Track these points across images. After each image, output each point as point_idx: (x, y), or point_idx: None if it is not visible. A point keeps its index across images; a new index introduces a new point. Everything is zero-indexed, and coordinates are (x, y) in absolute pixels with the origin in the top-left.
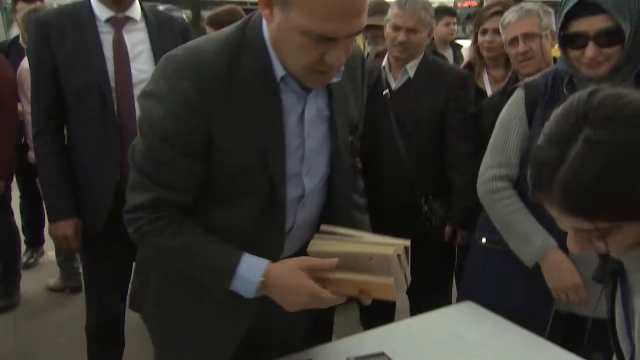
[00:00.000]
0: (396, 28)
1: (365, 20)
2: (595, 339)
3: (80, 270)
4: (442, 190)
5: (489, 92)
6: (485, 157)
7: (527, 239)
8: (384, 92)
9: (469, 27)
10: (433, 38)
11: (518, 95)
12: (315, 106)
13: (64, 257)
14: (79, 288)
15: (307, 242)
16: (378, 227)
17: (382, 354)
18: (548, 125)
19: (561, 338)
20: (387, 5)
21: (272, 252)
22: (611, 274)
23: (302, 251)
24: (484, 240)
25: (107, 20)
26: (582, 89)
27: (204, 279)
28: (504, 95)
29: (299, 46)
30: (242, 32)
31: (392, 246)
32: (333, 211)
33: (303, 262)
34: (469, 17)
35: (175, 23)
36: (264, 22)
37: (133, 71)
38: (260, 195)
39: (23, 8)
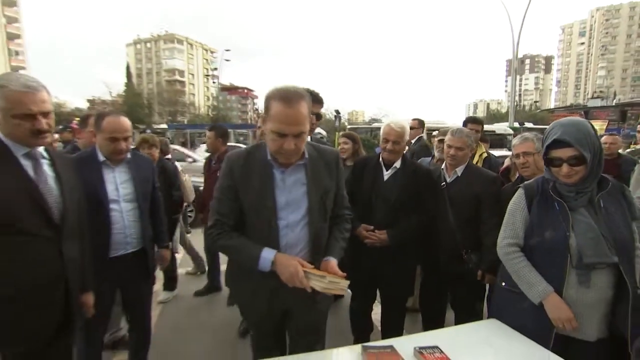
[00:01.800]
0: (449, 146)
1: (303, 128)
2: (581, 351)
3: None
4: (476, 247)
5: None
6: (501, 231)
7: (532, 285)
8: (442, 184)
9: None
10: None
11: (519, 193)
12: (294, 177)
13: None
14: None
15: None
16: (435, 268)
17: (436, 347)
18: None
19: (560, 350)
20: None
21: None
22: None
23: None
24: (503, 284)
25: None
26: (562, 190)
27: (245, 260)
28: (514, 186)
29: (271, 139)
30: (261, 142)
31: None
32: (313, 238)
33: (298, 259)
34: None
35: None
36: None
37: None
38: (263, 223)
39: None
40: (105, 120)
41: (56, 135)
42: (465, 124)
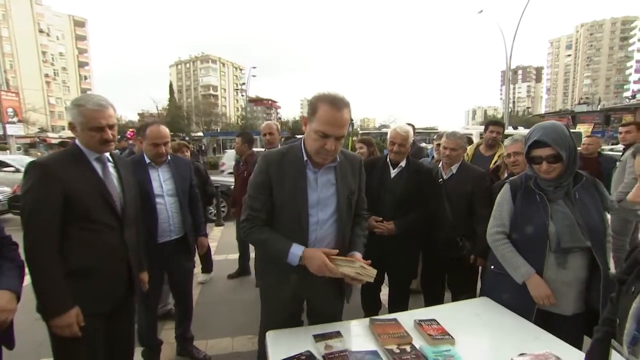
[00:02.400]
0: (445, 148)
1: (345, 132)
2: (560, 324)
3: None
4: (469, 235)
5: None
6: (490, 220)
7: (516, 267)
8: (439, 180)
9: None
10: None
11: (505, 187)
12: (325, 177)
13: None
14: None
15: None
16: (434, 254)
17: (434, 320)
18: None
19: (541, 324)
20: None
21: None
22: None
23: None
24: (492, 267)
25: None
26: (542, 185)
27: (274, 254)
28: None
29: (314, 139)
30: (294, 143)
31: (352, 268)
32: (340, 235)
33: (323, 249)
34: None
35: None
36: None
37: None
38: (295, 219)
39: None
40: (149, 129)
41: None
42: (487, 126)
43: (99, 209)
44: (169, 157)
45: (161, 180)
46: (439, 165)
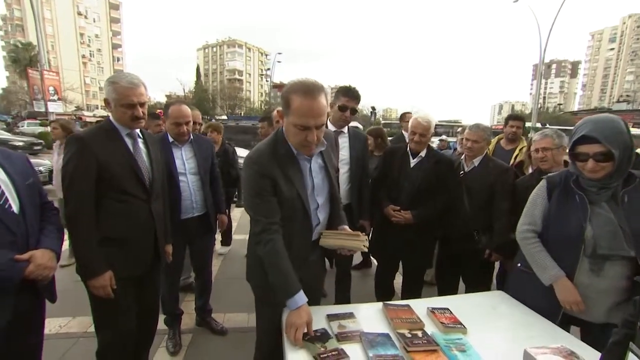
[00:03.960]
0: (467, 140)
1: (325, 119)
2: (587, 330)
3: None
4: (487, 229)
5: None
6: (521, 217)
7: (545, 268)
8: (461, 173)
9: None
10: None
11: (542, 183)
12: (316, 163)
13: None
14: None
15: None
16: (450, 246)
17: (447, 309)
18: None
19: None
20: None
21: (308, 235)
22: None
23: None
24: (519, 264)
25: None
26: (585, 184)
27: (278, 287)
28: (532, 179)
29: (293, 133)
30: (276, 135)
31: (358, 241)
32: (334, 213)
33: (309, 321)
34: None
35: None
36: (283, 128)
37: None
38: (299, 209)
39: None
40: (171, 109)
41: None
42: (507, 121)
43: (129, 180)
44: (192, 137)
45: (184, 159)
46: (462, 158)
